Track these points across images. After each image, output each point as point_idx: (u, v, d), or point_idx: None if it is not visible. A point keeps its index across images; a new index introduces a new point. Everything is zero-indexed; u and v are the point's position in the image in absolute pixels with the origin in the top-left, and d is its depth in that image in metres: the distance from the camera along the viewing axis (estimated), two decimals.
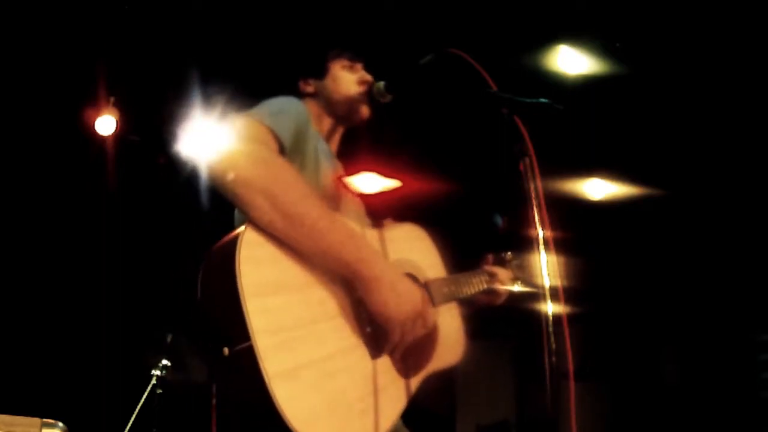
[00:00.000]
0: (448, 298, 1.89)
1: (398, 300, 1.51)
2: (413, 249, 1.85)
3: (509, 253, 2.33)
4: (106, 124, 4.61)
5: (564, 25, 3.88)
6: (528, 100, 1.60)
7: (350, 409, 1.45)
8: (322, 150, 1.82)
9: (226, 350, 1.34)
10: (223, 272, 1.34)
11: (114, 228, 5.12)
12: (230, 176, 1.41)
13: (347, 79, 1.98)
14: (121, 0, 3.75)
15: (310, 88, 2.00)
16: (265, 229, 1.41)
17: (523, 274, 2.35)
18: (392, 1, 3.77)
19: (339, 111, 1.99)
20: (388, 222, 2.00)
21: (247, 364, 1.29)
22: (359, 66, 2.02)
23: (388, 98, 1.89)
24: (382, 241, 1.75)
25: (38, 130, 4.64)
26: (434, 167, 5.24)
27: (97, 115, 4.59)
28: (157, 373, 4.20)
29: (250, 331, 1.29)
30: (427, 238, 1.96)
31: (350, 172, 2.09)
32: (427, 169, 5.29)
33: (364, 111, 2.00)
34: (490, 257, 2.28)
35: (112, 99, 4.58)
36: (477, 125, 4.28)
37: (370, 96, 1.96)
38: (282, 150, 1.57)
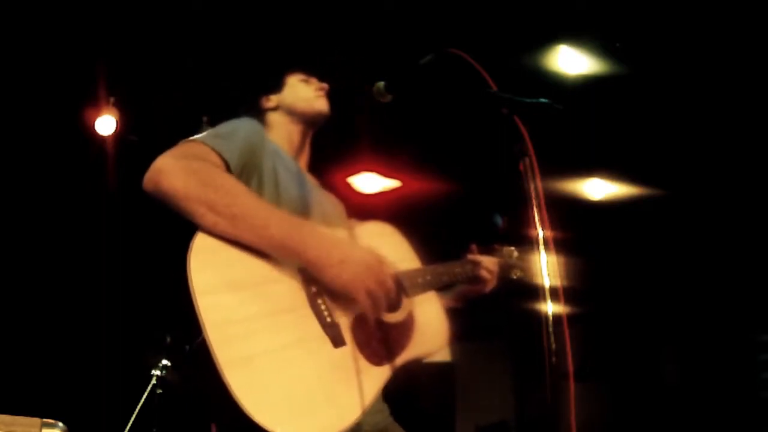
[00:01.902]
0: (423, 288, 1.90)
1: (349, 268, 1.57)
2: (382, 244, 1.84)
3: (499, 244, 2.34)
4: (106, 124, 4.61)
5: (564, 25, 3.88)
6: (528, 100, 1.60)
7: (311, 396, 1.47)
8: (284, 165, 1.85)
9: (187, 347, 1.43)
10: (180, 277, 1.43)
11: (114, 228, 5.12)
12: (169, 193, 1.52)
13: (305, 89, 2.08)
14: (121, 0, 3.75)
15: (271, 103, 2.07)
16: (212, 232, 1.51)
17: (519, 262, 2.37)
18: (392, 1, 3.77)
19: (304, 117, 2.06)
20: (353, 222, 2.01)
21: (204, 357, 1.37)
22: (314, 80, 2.11)
23: (388, 98, 1.89)
24: (351, 239, 1.79)
25: (38, 130, 4.64)
26: (434, 167, 5.24)
27: (97, 115, 4.60)
28: (157, 373, 4.20)
29: (202, 326, 1.38)
30: (396, 233, 1.98)
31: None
32: (427, 169, 5.30)
33: (324, 106, 2.08)
34: (475, 247, 2.30)
35: (112, 99, 4.58)
36: (477, 125, 4.29)
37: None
38: (227, 168, 1.64)
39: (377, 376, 1.63)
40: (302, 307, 1.56)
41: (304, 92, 2.07)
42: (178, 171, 1.53)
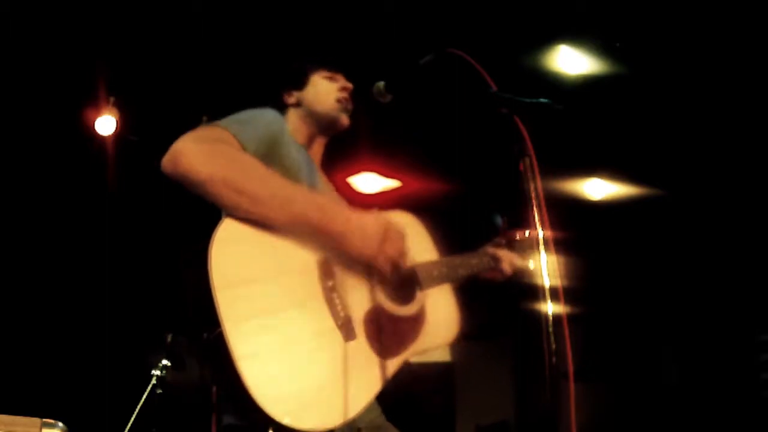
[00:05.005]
0: (438, 281, 1.90)
1: (369, 239, 1.64)
2: None
3: (522, 232, 2.27)
4: (106, 124, 4.61)
5: (564, 25, 3.88)
6: (528, 100, 1.60)
7: (320, 389, 1.53)
8: (302, 159, 1.85)
9: (204, 335, 1.50)
10: (200, 268, 1.49)
11: (114, 228, 5.12)
12: (190, 174, 1.53)
13: (328, 88, 2.06)
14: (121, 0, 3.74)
15: (292, 99, 2.07)
16: (236, 214, 1.54)
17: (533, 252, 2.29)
18: (392, 2, 3.77)
19: (320, 120, 2.06)
20: (374, 212, 2.01)
21: (221, 347, 1.44)
22: (340, 76, 2.09)
23: (388, 98, 1.90)
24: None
25: (38, 130, 4.64)
26: (434, 167, 5.25)
27: (97, 115, 4.59)
28: (157, 373, 4.19)
29: (220, 319, 1.44)
30: (417, 224, 1.97)
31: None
32: (427, 169, 5.30)
33: (344, 120, 2.07)
34: (502, 240, 2.24)
35: (112, 99, 4.58)
36: (477, 125, 4.28)
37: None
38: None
39: (385, 369, 1.67)
40: (317, 301, 1.60)
41: (326, 91, 2.05)
42: (198, 152, 1.55)
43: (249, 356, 1.44)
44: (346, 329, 1.61)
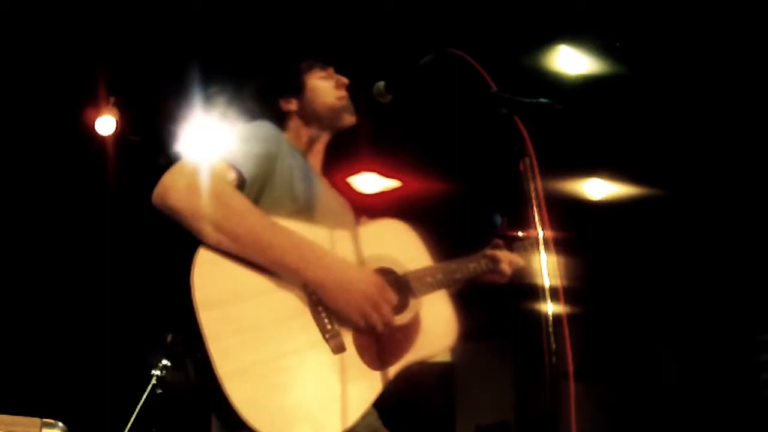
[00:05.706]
0: (433, 287, 1.88)
1: (348, 295, 1.61)
2: (391, 243, 1.86)
3: (521, 233, 2.25)
4: (106, 124, 4.61)
5: (564, 25, 3.88)
6: (528, 100, 1.60)
7: (309, 403, 1.52)
8: (298, 166, 1.85)
9: (198, 355, 1.49)
10: (185, 290, 1.50)
11: (114, 228, 5.12)
12: (176, 210, 1.56)
13: (325, 88, 2.04)
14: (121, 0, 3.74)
15: (291, 106, 2.04)
16: (216, 249, 1.56)
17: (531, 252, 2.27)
18: (392, 2, 3.77)
19: (324, 121, 2.04)
20: (363, 220, 2.00)
21: (208, 366, 1.45)
22: (331, 70, 2.07)
23: (388, 98, 1.89)
24: (355, 240, 1.79)
25: (38, 130, 4.64)
26: (434, 167, 5.24)
27: (97, 115, 4.60)
28: (157, 373, 4.20)
29: (204, 340, 1.46)
30: (408, 231, 1.96)
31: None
32: (427, 169, 5.30)
33: (349, 118, 2.05)
34: (500, 241, 2.21)
35: (112, 99, 4.58)
36: (477, 125, 4.28)
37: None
38: (241, 179, 1.66)
39: (377, 381, 1.65)
40: (303, 315, 1.59)
41: (324, 92, 2.03)
42: (185, 188, 1.56)
43: (234, 374, 1.44)
44: (335, 342, 1.60)
